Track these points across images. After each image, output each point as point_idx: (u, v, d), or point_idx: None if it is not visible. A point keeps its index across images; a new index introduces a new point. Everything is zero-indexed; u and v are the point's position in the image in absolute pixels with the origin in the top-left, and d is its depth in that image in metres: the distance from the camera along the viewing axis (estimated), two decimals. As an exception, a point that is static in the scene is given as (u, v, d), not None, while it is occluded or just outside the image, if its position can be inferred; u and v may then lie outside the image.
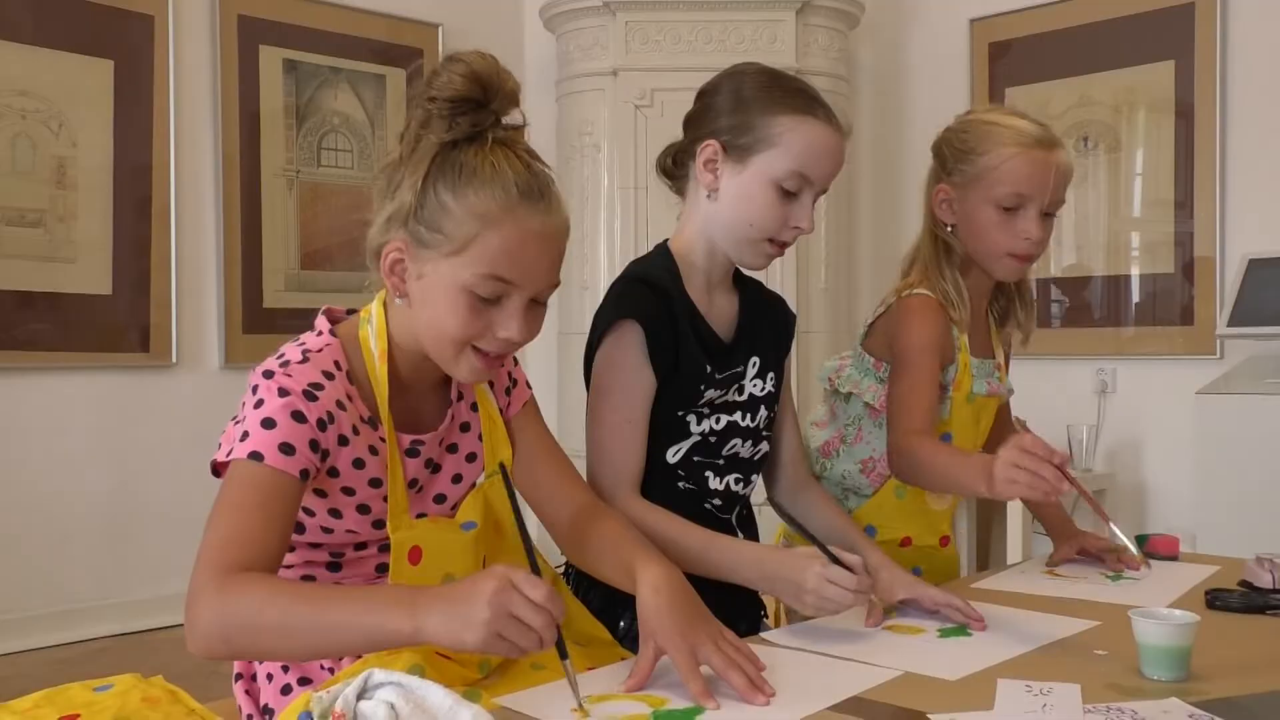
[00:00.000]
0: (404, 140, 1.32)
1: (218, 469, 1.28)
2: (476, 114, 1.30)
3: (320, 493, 1.32)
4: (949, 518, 1.98)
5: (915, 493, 1.89)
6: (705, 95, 1.67)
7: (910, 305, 1.83)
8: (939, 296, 1.83)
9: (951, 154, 1.86)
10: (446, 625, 1.10)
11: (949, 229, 1.87)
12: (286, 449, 1.23)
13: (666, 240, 1.70)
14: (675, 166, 1.70)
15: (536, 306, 1.33)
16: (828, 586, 1.41)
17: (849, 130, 1.64)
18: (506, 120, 1.33)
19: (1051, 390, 4.31)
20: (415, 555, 1.34)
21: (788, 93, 1.60)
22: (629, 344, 1.59)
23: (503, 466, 1.27)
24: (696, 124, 1.66)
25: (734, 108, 1.60)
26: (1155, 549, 2.00)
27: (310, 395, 1.26)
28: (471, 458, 1.45)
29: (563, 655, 1.17)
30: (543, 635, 1.11)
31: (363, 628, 1.14)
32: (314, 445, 1.25)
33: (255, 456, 1.22)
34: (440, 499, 1.42)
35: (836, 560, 1.44)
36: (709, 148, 1.61)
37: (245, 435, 1.23)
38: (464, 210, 1.26)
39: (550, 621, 1.11)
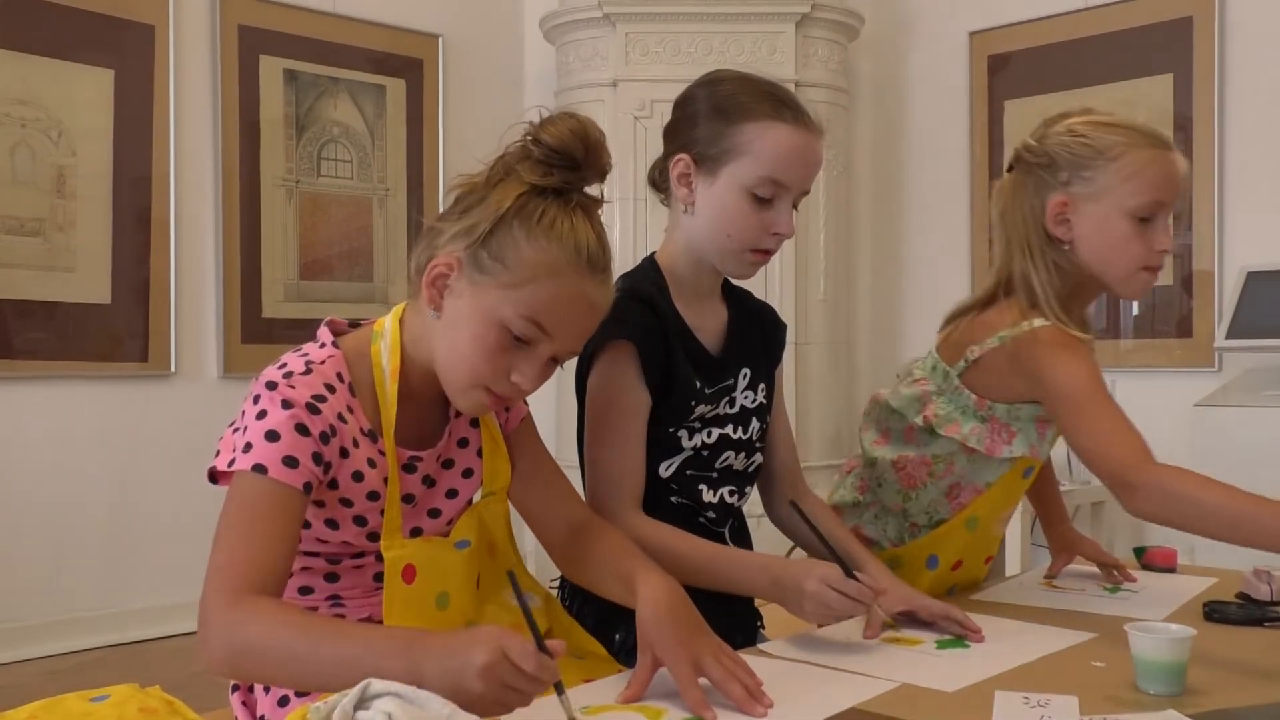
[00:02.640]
0: (493, 166, 1.34)
1: (216, 476, 1.28)
2: (570, 172, 1.33)
3: (318, 503, 1.32)
4: (1001, 540, 1.94)
5: (986, 523, 1.81)
6: (679, 107, 1.66)
7: (1048, 339, 1.65)
8: (1054, 322, 1.67)
9: (1070, 162, 1.68)
10: (442, 682, 1.09)
11: (1064, 247, 1.70)
12: (290, 462, 1.23)
13: (654, 253, 1.70)
14: (662, 178, 1.70)
15: (553, 364, 1.35)
16: (829, 592, 1.40)
17: (822, 130, 1.61)
18: (590, 190, 1.36)
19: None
20: (409, 574, 1.34)
21: (755, 98, 1.58)
22: (624, 363, 1.59)
23: (512, 575, 1.26)
24: (671, 137, 1.66)
25: (704, 119, 1.60)
26: (1153, 561, 2.00)
27: (313, 408, 1.26)
28: (468, 474, 1.45)
29: (559, 691, 1.15)
30: (532, 697, 1.10)
31: (362, 669, 1.12)
32: (317, 458, 1.26)
33: (259, 469, 1.22)
34: (435, 514, 1.43)
35: (850, 572, 1.43)
36: (680, 162, 1.61)
37: (249, 446, 1.23)
38: (532, 252, 1.28)
39: (540, 688, 1.10)
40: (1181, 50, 4.23)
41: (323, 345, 1.36)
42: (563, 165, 1.32)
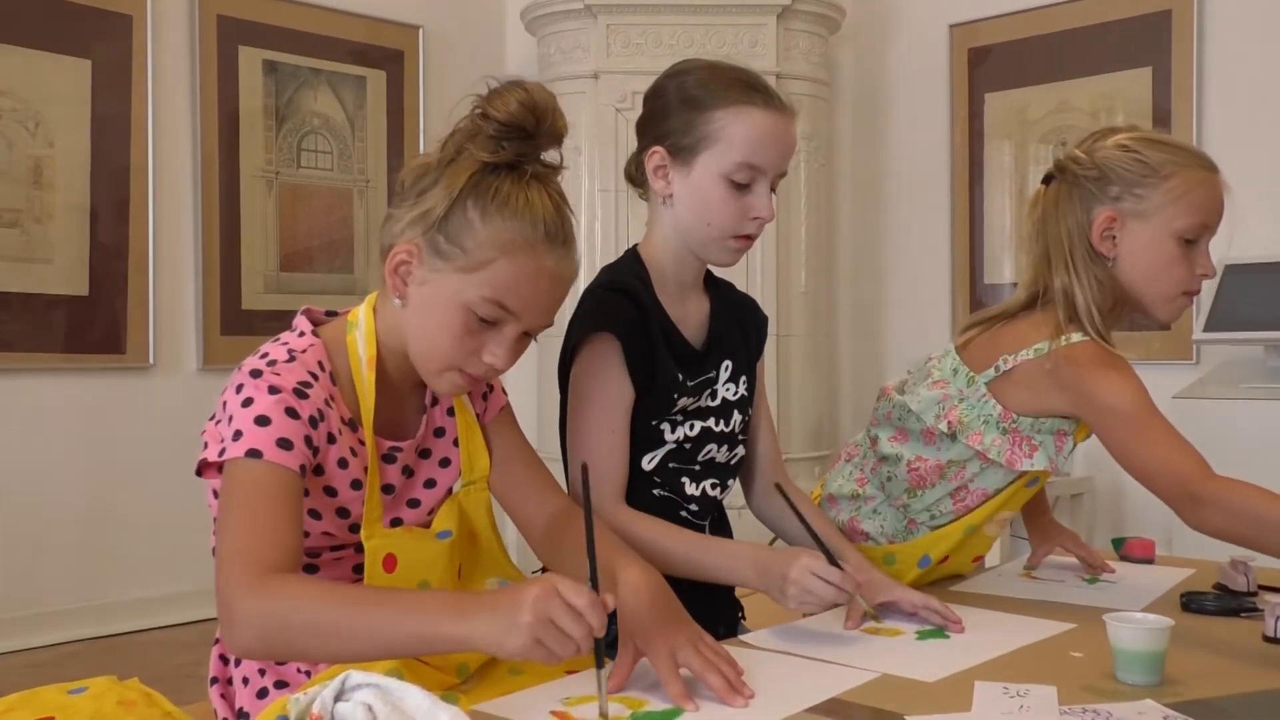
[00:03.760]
0: (444, 147, 1.32)
1: (205, 469, 1.28)
2: (523, 144, 1.31)
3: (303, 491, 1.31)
4: (992, 542, 1.92)
5: (982, 528, 1.80)
6: (649, 100, 1.66)
7: (1089, 357, 1.63)
8: (1106, 343, 1.65)
9: (1122, 177, 1.66)
10: (491, 630, 1.09)
11: (1108, 262, 1.68)
12: (284, 444, 1.22)
13: (635, 246, 1.70)
14: (638, 173, 1.70)
15: (525, 339, 1.35)
16: (810, 579, 1.40)
17: (794, 110, 1.61)
18: (546, 157, 1.35)
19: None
20: (390, 563, 1.34)
21: (724, 85, 1.58)
22: (607, 356, 1.59)
23: (584, 472, 1.25)
24: (644, 130, 1.65)
25: (676, 110, 1.59)
26: (1131, 552, 2.01)
27: (301, 393, 1.26)
28: (445, 463, 1.45)
29: (599, 664, 1.14)
30: (580, 645, 1.09)
31: (409, 631, 1.12)
32: (308, 441, 1.25)
33: (253, 454, 1.21)
34: (414, 504, 1.42)
35: (833, 560, 1.44)
36: (655, 154, 1.61)
37: (239, 434, 1.22)
38: (488, 233, 1.27)
39: (589, 632, 1.08)
40: (1160, 44, 4.24)
41: (302, 334, 1.35)
42: (515, 138, 1.30)
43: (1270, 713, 1.20)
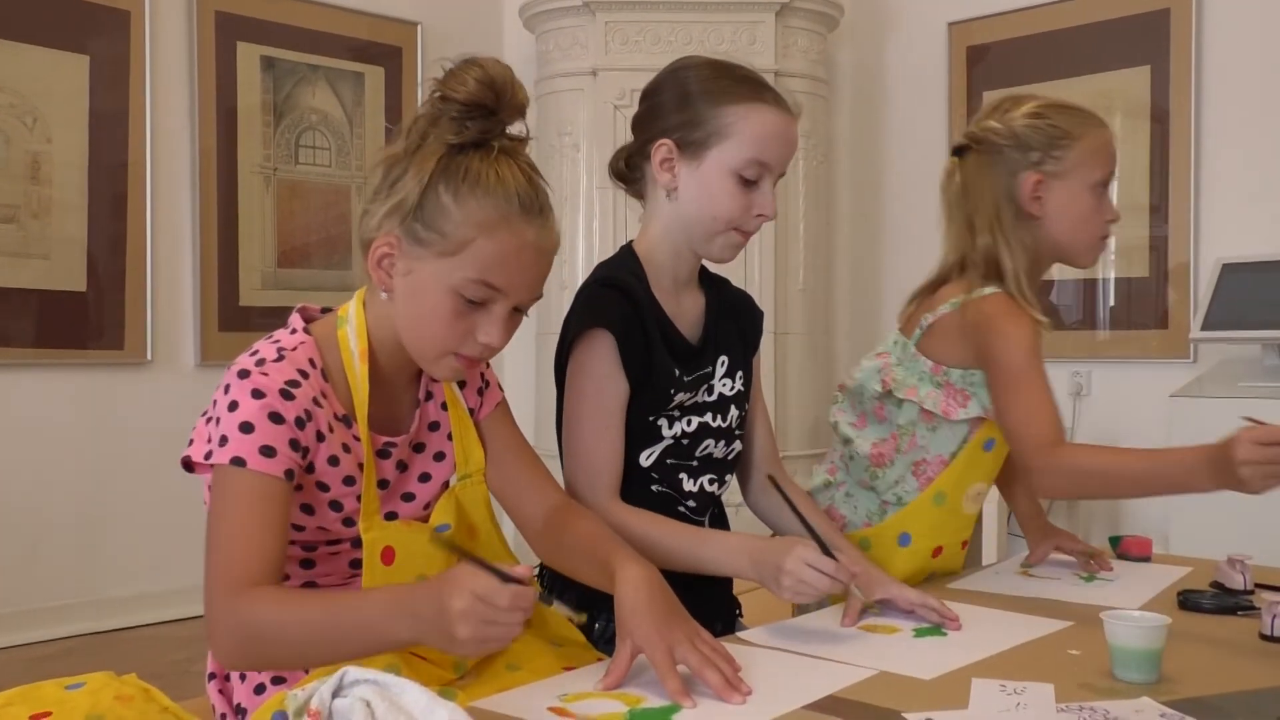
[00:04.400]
0: (409, 134, 1.32)
1: (191, 465, 1.28)
2: (486, 120, 1.31)
3: (295, 487, 1.31)
4: (974, 521, 1.95)
5: (954, 499, 1.84)
6: (650, 95, 1.66)
7: (994, 308, 1.74)
8: (1017, 296, 1.75)
9: (1043, 142, 1.78)
10: (439, 639, 1.14)
11: (1034, 221, 1.80)
12: (267, 451, 1.23)
13: (630, 242, 1.70)
14: (629, 170, 1.70)
15: (516, 315, 1.34)
16: (805, 569, 1.40)
17: (799, 111, 1.63)
18: (511, 131, 1.35)
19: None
20: (388, 556, 1.34)
21: (734, 81, 1.60)
22: (602, 352, 1.59)
23: (448, 544, 1.28)
24: (645, 125, 1.65)
25: (682, 104, 1.60)
26: (1128, 550, 2.01)
27: (287, 394, 1.26)
28: (439, 457, 1.45)
29: (547, 602, 1.19)
30: (518, 627, 1.13)
31: (370, 632, 1.18)
32: (294, 444, 1.25)
33: (237, 462, 1.23)
34: (409, 498, 1.43)
35: (827, 550, 1.44)
36: (663, 147, 1.61)
37: (224, 440, 1.24)
38: (464, 215, 1.27)
39: (523, 616, 1.12)
40: (1159, 42, 4.24)
41: (294, 331, 1.35)
42: (477, 116, 1.30)
43: (1267, 710, 1.20)
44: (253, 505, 1.23)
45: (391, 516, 1.40)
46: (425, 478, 1.44)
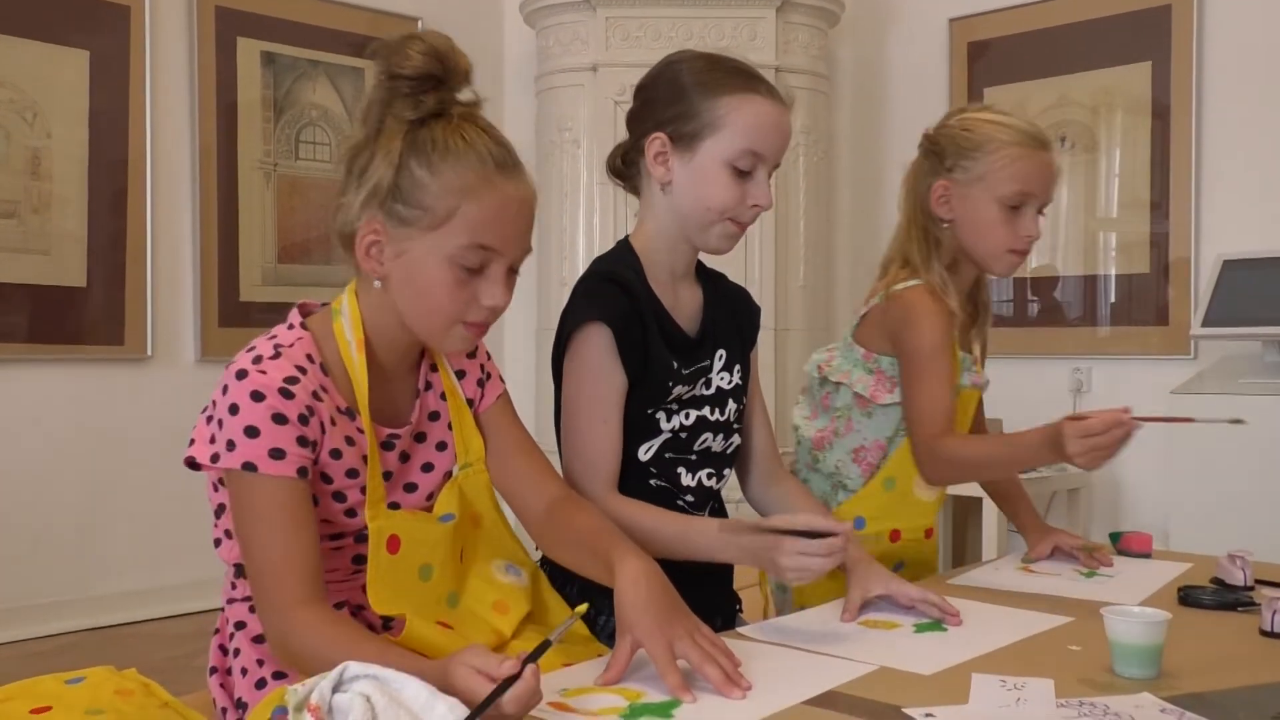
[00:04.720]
0: (367, 121, 1.33)
1: (196, 464, 1.29)
2: (439, 91, 1.31)
3: None
4: (935, 510, 1.99)
5: (905, 484, 1.90)
6: (644, 90, 1.67)
7: (911, 300, 1.86)
8: (932, 286, 1.86)
9: (953, 151, 1.88)
10: None
11: (943, 225, 1.90)
12: (277, 454, 1.24)
13: (627, 236, 1.70)
14: (625, 166, 1.70)
15: (512, 274, 1.35)
16: (801, 559, 1.40)
17: (791, 102, 1.64)
18: (461, 97, 1.35)
19: (1028, 389, 4.33)
20: (394, 544, 1.34)
21: (726, 73, 1.60)
22: (599, 345, 1.59)
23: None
24: (639, 120, 1.66)
25: (675, 97, 1.60)
26: (1129, 546, 2.01)
27: (286, 393, 1.26)
28: (441, 447, 1.46)
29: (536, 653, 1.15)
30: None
31: None
32: (302, 440, 1.26)
33: (248, 467, 1.24)
34: (411, 488, 1.43)
35: (811, 535, 1.43)
36: (656, 140, 1.61)
37: (231, 445, 1.24)
38: (442, 185, 1.28)
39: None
40: (1160, 38, 4.24)
41: (291, 327, 1.35)
42: (429, 88, 1.31)
43: (1267, 706, 1.20)
44: (275, 515, 1.24)
45: (394, 507, 1.40)
46: (428, 468, 1.44)
